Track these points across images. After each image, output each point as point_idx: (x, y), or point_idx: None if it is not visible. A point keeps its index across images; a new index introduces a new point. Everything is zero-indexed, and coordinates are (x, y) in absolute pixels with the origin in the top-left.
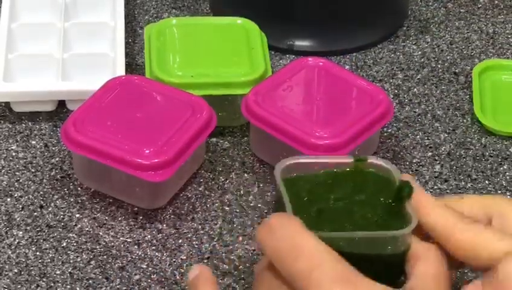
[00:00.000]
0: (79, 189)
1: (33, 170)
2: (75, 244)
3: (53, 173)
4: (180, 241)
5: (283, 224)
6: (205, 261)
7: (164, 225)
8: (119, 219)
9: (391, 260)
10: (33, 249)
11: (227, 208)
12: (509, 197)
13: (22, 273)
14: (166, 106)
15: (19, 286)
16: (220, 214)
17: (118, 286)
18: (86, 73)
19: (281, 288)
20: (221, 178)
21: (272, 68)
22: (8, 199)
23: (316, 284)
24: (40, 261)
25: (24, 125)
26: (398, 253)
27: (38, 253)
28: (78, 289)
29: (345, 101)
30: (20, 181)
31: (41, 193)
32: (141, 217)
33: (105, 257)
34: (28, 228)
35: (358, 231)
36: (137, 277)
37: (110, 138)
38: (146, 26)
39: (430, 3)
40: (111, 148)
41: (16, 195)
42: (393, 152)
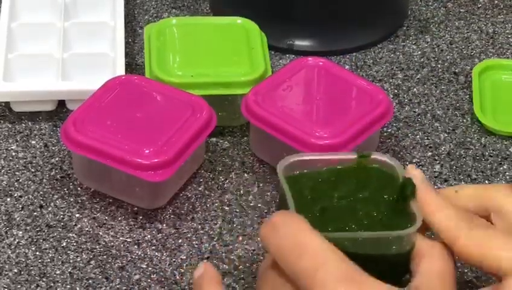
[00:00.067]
0: (79, 189)
1: (33, 170)
2: (75, 244)
3: (53, 173)
4: (180, 241)
5: (286, 222)
6: (205, 261)
7: (164, 225)
8: (119, 219)
9: (396, 260)
10: (33, 249)
11: (227, 208)
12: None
13: (22, 273)
14: (166, 106)
15: (19, 286)
16: (220, 214)
17: (118, 286)
18: (86, 73)
19: (285, 287)
20: (221, 178)
21: (272, 68)
22: (8, 199)
23: (321, 283)
24: (40, 261)
25: (24, 125)
26: (403, 252)
27: (38, 253)
28: (78, 289)
29: (345, 101)
30: (20, 181)
31: (41, 193)
32: (141, 217)
33: (105, 257)
34: (28, 228)
35: (363, 232)
36: (137, 277)
37: (110, 138)
38: (146, 26)
39: (430, 3)
40: (111, 148)
41: (16, 195)
42: (393, 152)
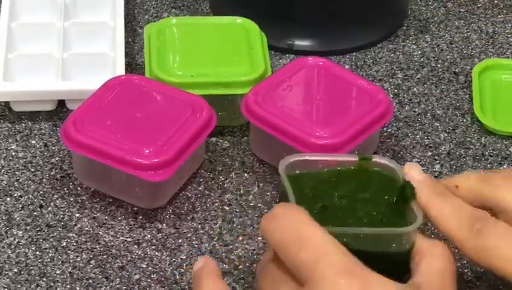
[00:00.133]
0: (79, 189)
1: (33, 170)
2: (75, 244)
3: (53, 173)
4: (180, 241)
5: (287, 213)
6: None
7: (164, 225)
8: (119, 219)
9: (396, 258)
10: (33, 248)
11: (227, 208)
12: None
13: (22, 273)
14: (166, 106)
15: (19, 286)
16: (220, 214)
17: (118, 286)
18: (86, 73)
19: (285, 279)
20: (221, 178)
21: (272, 68)
22: (8, 199)
23: (321, 275)
24: (40, 260)
25: (24, 124)
26: (403, 251)
27: (38, 253)
28: (78, 289)
29: (345, 101)
30: (19, 181)
31: (41, 193)
32: (141, 217)
33: (105, 257)
34: (28, 228)
35: (364, 227)
36: (137, 277)
37: (110, 138)
38: (146, 25)
39: (430, 2)
40: (111, 147)
41: (16, 195)
42: (393, 152)
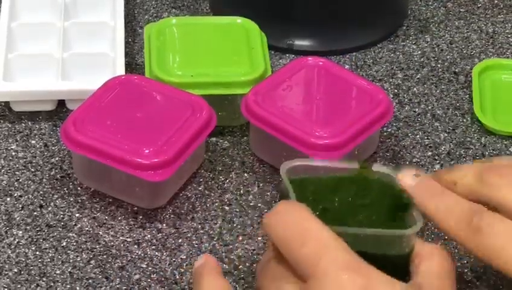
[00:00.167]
0: (79, 189)
1: (33, 170)
2: (75, 243)
3: (53, 173)
4: (180, 240)
5: (289, 210)
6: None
7: (164, 225)
8: (119, 219)
9: (396, 261)
10: (33, 248)
11: (227, 208)
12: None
13: (22, 272)
14: (166, 106)
15: (19, 286)
16: (220, 214)
17: (118, 286)
18: (86, 73)
19: (286, 276)
20: (221, 178)
21: (272, 68)
22: (8, 199)
23: (323, 270)
24: (40, 260)
25: (24, 124)
26: (403, 254)
27: (38, 253)
28: (78, 289)
29: (345, 101)
30: (19, 181)
31: (41, 193)
32: (141, 217)
33: (105, 257)
34: (28, 228)
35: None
36: (137, 277)
37: (110, 138)
38: (146, 25)
39: (430, 2)
40: (111, 147)
41: (16, 195)
42: (393, 152)
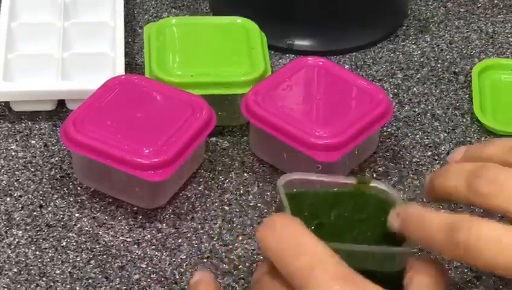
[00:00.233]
0: (78, 188)
1: (33, 170)
2: (75, 243)
3: (53, 173)
4: (179, 240)
5: (283, 223)
6: (205, 260)
7: (164, 225)
8: (118, 219)
9: (389, 277)
10: (33, 248)
11: (226, 208)
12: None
13: (22, 272)
14: (165, 106)
15: (19, 286)
16: (220, 214)
17: (118, 286)
18: (86, 72)
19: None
20: (220, 177)
21: (272, 68)
22: (8, 199)
23: (316, 281)
24: (40, 260)
25: (24, 124)
26: (397, 271)
27: (37, 252)
28: (78, 289)
29: (345, 101)
30: (19, 181)
31: (40, 193)
32: (141, 217)
33: (104, 257)
34: (28, 228)
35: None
36: (136, 277)
37: (110, 138)
38: (146, 25)
39: (430, 2)
40: (111, 147)
41: (16, 194)
42: (392, 152)
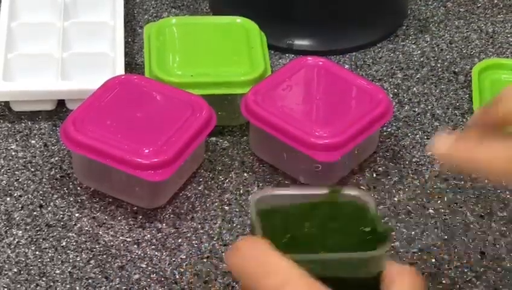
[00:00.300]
0: (78, 188)
1: (33, 170)
2: (75, 243)
3: (52, 173)
4: (179, 240)
5: (249, 245)
6: (205, 260)
7: (164, 225)
8: (118, 219)
9: (366, 283)
10: (33, 248)
11: (226, 208)
12: None
13: (22, 272)
14: (165, 106)
15: (19, 286)
16: (220, 214)
17: (118, 286)
18: (86, 72)
19: None
20: (220, 177)
21: (272, 67)
22: (8, 199)
23: None
24: (40, 260)
25: (24, 124)
26: (373, 276)
27: (37, 252)
28: (78, 289)
29: (345, 101)
30: (19, 180)
31: (40, 193)
32: (141, 217)
33: (104, 257)
34: (28, 228)
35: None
36: (136, 276)
37: (110, 138)
38: (145, 25)
39: (430, 2)
40: (111, 147)
41: (16, 194)
42: (392, 151)
